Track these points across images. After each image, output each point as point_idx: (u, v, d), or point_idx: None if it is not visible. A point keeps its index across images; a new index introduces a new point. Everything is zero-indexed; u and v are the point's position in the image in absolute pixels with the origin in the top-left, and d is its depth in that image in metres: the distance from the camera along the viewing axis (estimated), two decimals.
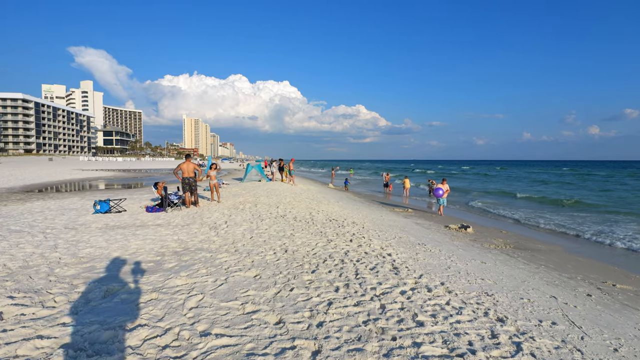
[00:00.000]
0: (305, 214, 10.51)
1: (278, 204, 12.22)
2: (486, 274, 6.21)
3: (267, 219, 9.20)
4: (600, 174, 58.54)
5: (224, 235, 7.08)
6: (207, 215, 9.78)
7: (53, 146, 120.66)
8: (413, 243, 8.21)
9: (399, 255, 6.48)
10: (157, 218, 9.53)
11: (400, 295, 4.24)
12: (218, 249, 6.02)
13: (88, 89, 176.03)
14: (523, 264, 8.11)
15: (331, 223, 9.22)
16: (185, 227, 8.15)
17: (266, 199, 13.50)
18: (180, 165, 11.22)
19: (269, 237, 7.05)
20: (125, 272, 4.79)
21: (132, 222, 8.87)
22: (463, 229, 12.36)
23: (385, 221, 11.93)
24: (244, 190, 17.64)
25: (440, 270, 5.80)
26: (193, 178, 11.24)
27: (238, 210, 10.68)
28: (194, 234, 7.26)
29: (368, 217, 12.04)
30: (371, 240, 7.51)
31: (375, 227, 9.79)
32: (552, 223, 14.25)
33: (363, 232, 8.46)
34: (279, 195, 15.28)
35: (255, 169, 25.03)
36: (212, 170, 12.70)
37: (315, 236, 7.37)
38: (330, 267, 5.20)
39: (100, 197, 15.15)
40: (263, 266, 5.05)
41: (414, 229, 11.02)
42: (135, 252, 5.82)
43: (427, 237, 9.91)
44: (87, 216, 9.85)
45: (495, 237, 11.68)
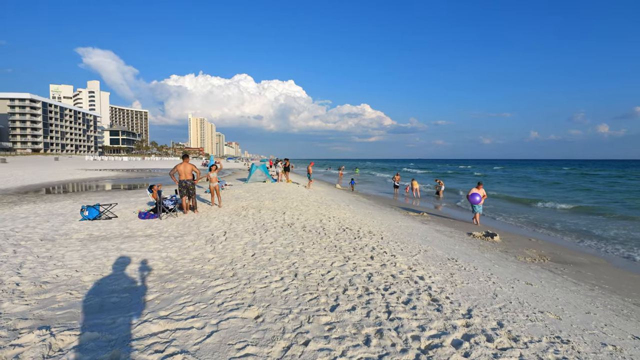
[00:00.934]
0: (315, 221, 9.38)
1: (284, 209, 11.10)
2: (541, 303, 5.05)
3: (272, 228, 8.09)
4: (602, 174, 57.18)
5: (222, 252, 5.97)
6: (205, 224, 8.69)
7: (60, 146, 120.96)
8: (442, 258, 7.05)
9: (433, 279, 5.32)
10: (149, 226, 8.46)
11: (454, 349, 3.09)
12: (212, 272, 4.91)
13: (95, 89, 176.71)
14: (573, 284, 6.92)
15: (345, 233, 8.08)
16: (178, 238, 7.06)
17: (271, 203, 12.39)
18: (176, 166, 10.15)
19: (275, 253, 5.92)
20: (89, 308, 3.70)
21: (119, 232, 7.81)
22: (489, 237, 11.16)
23: (402, 229, 10.77)
24: (247, 192, 16.56)
25: (488, 301, 4.63)
26: (191, 181, 10.17)
27: (240, 217, 9.58)
28: (187, 250, 6.16)
29: (384, 224, 10.89)
30: (395, 257, 6.35)
31: (395, 237, 8.64)
32: (575, 228, 13.16)
33: (383, 245, 7.31)
34: (285, 198, 14.17)
35: (260, 169, 23.96)
36: (212, 172, 11.62)
37: (329, 252, 6.23)
38: (354, 301, 4.06)
39: (94, 200, 14.17)
40: (267, 300, 3.92)
41: (436, 239, 9.84)
42: (111, 276, 4.73)
43: (454, 249, 8.75)
44: (72, 223, 8.83)
45: (525, 246, 10.48)
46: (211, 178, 11.60)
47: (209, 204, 12.43)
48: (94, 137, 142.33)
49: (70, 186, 22.86)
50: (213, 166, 11.66)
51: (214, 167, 11.66)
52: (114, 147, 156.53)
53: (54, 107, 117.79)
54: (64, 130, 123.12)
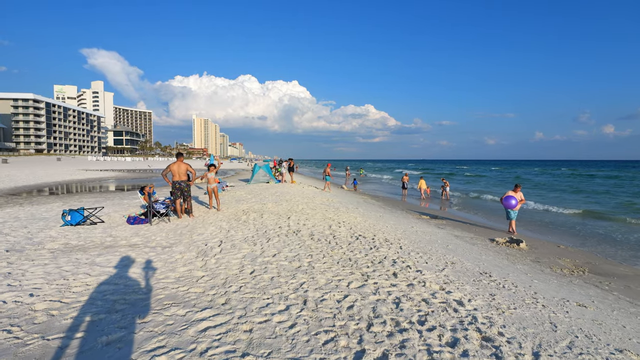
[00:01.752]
0: (323, 227, 8.35)
1: (289, 213, 10.08)
2: (610, 335, 4.04)
3: (275, 237, 7.05)
4: (599, 174, 56.31)
5: (214, 268, 4.95)
6: (200, 231, 7.68)
7: (64, 146, 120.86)
8: (474, 273, 6.01)
9: (474, 303, 4.28)
10: (135, 234, 7.47)
11: None
12: (199, 298, 3.89)
13: (99, 90, 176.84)
14: (630, 304, 5.90)
15: (359, 242, 7.03)
16: (166, 250, 6.06)
17: (274, 207, 11.37)
18: (169, 166, 9.16)
19: (278, 270, 4.89)
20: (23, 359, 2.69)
21: (101, 241, 6.82)
22: (514, 244, 10.10)
23: (419, 235, 9.73)
24: (249, 194, 15.56)
25: (550, 336, 3.60)
26: (186, 182, 9.18)
27: (240, 223, 8.56)
28: (173, 265, 5.15)
29: (399, 230, 9.86)
30: (422, 273, 5.31)
31: (415, 246, 7.60)
32: (590, 231, 12.19)
33: (404, 257, 6.27)
34: (289, 201, 13.15)
35: (263, 169, 22.96)
36: (210, 172, 10.62)
37: (343, 268, 5.19)
38: (384, 343, 3.03)
39: (86, 202, 13.25)
40: (267, 345, 2.89)
41: (459, 247, 8.79)
42: (71, 304, 3.73)
43: (481, 259, 7.70)
44: (52, 230, 7.86)
45: (556, 254, 9.43)
46: (209, 179, 10.61)
47: (207, 207, 11.44)
48: (97, 138, 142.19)
49: (66, 187, 21.99)
50: (211, 166, 10.66)
51: (212, 167, 10.66)
52: (117, 148, 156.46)
53: (57, 107, 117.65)
54: (68, 130, 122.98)
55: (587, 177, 50.24)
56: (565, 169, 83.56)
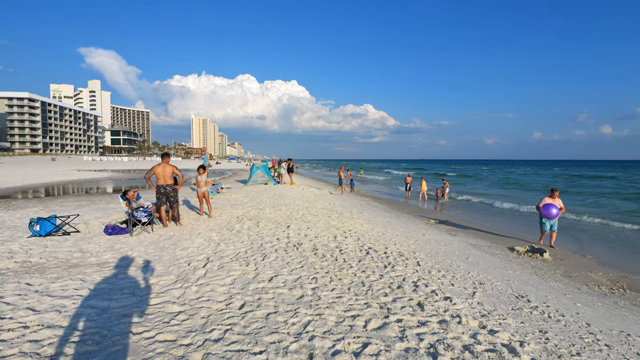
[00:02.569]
0: (328, 238, 7.33)
1: (288, 221, 9.05)
2: None
3: (272, 252, 6.02)
4: (588, 174, 56.30)
5: (194, 300, 3.91)
6: (185, 244, 6.65)
7: (60, 146, 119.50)
8: (508, 296, 5.02)
9: (527, 348, 3.29)
10: (110, 247, 6.43)
11: None
12: (168, 353, 2.87)
13: (96, 89, 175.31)
14: None
15: (370, 258, 6.02)
16: (140, 270, 5.02)
17: (272, 212, 10.34)
18: (153, 168, 8.11)
19: (276, 302, 3.87)
20: None
21: (67, 257, 5.78)
22: (537, 254, 9.11)
23: (433, 245, 8.74)
24: (246, 197, 14.52)
25: None
26: (172, 186, 8.15)
27: (232, 233, 7.53)
28: (144, 294, 4.11)
29: (410, 239, 8.87)
30: (452, 302, 4.31)
31: (433, 261, 6.60)
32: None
33: (425, 277, 5.26)
34: (288, 205, 12.12)
35: (261, 169, 21.93)
36: (200, 175, 9.58)
37: (357, 298, 4.17)
38: None
39: (68, 207, 12.20)
40: None
41: (480, 259, 7.80)
42: None
43: (508, 274, 6.73)
44: (15, 242, 6.82)
45: (585, 267, 8.49)
46: (199, 182, 9.57)
47: (197, 213, 10.41)
48: (94, 137, 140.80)
49: (52, 189, 20.91)
50: (201, 168, 9.61)
51: (202, 168, 9.61)
52: (115, 147, 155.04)
53: (53, 106, 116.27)
54: (64, 130, 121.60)
55: (576, 177, 49.86)
56: (557, 169, 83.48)
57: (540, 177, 50.93)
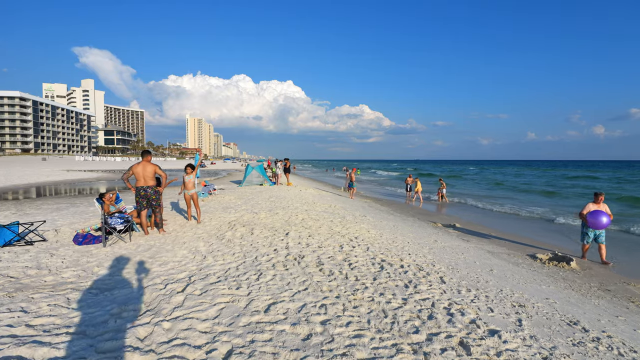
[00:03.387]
0: (333, 249, 6.33)
1: (287, 227, 8.04)
2: None
3: (269, 268, 5.00)
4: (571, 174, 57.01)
5: (163, 346, 2.86)
6: (165, 257, 5.61)
7: (52, 145, 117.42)
8: (559, 324, 4.09)
9: None
10: (75, 262, 5.38)
11: None
12: None
13: (89, 88, 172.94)
14: None
15: (387, 275, 5.02)
16: (101, 295, 4.00)
17: (269, 217, 9.32)
18: (132, 168, 7.06)
19: (275, 349, 2.84)
20: None
21: (19, 274, 4.72)
22: (563, 263, 8.20)
23: (449, 253, 7.78)
24: (240, 199, 13.47)
25: None
26: (153, 188, 7.11)
27: (222, 243, 6.50)
28: (98, 334, 3.11)
29: (424, 247, 7.91)
30: (500, 338, 3.32)
31: (457, 276, 5.63)
32: None
33: (457, 300, 4.28)
34: (286, 208, 11.10)
35: (256, 170, 20.89)
36: (188, 175, 8.54)
37: (380, 335, 3.17)
38: None
39: (44, 210, 11.10)
40: None
41: (506, 272, 6.86)
42: None
43: (543, 291, 5.80)
44: None
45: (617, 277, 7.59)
46: (186, 183, 8.52)
47: (185, 217, 9.36)
48: (87, 137, 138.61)
49: (33, 190, 19.71)
50: (189, 167, 8.56)
51: (189, 167, 8.56)
52: (108, 147, 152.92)
53: (45, 105, 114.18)
54: (56, 129, 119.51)
55: (555, 177, 50.18)
56: (545, 168, 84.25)
57: (520, 177, 50.65)
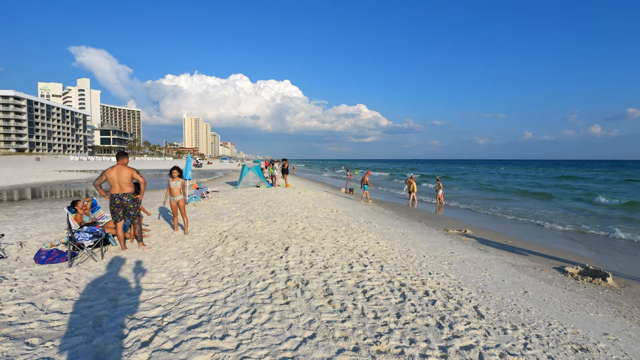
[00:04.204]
0: (342, 268, 5.34)
1: (286, 239, 7.04)
2: None
3: (264, 301, 3.98)
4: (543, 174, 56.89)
5: None
6: (141, 281, 4.62)
7: (47, 145, 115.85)
8: None
9: None
10: (26, 290, 4.36)
11: None
12: None
13: (85, 87, 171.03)
14: None
15: (412, 308, 4.04)
16: (37, 350, 3.01)
17: (265, 226, 8.31)
18: (105, 172, 6.03)
19: None
20: None
21: None
22: (599, 279, 7.25)
23: (471, 269, 6.82)
24: (234, 203, 12.46)
25: None
26: (131, 195, 6.10)
27: (209, 263, 5.50)
28: None
29: (443, 261, 6.95)
30: None
31: (490, 301, 4.66)
32: None
33: (509, 347, 3.31)
34: (284, 214, 10.11)
35: (253, 171, 19.87)
36: (174, 180, 7.51)
37: None
38: None
39: (21, 215, 10.06)
40: None
41: (543, 292, 5.91)
42: None
43: (597, 321, 4.85)
44: None
45: None
46: (172, 189, 7.50)
47: (172, 226, 8.35)
48: (83, 137, 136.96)
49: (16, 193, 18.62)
50: (175, 171, 7.53)
51: (175, 171, 7.53)
52: (104, 147, 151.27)
53: (40, 105, 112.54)
54: (51, 129, 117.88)
55: (544, 177, 50.13)
56: (537, 168, 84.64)
57: (511, 178, 50.31)
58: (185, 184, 8.63)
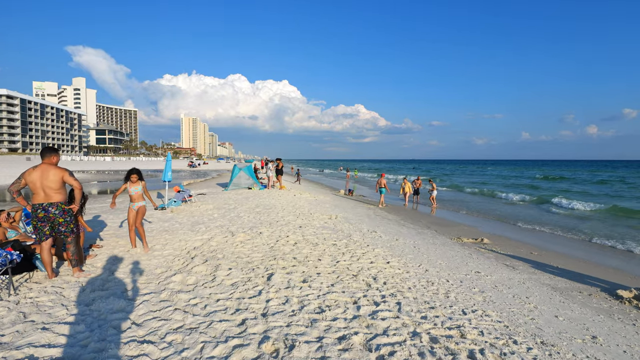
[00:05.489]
0: (345, 312, 3.77)
1: (270, 263, 5.46)
2: None
3: None
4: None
5: None
6: (35, 344, 3.07)
7: (41, 145, 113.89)
8: None
9: None
10: None
11: None
12: None
13: (80, 86, 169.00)
14: None
15: None
16: None
17: (248, 241, 6.74)
18: (25, 174, 4.46)
19: None
20: None
21: None
22: None
23: (509, 298, 5.28)
24: (218, 209, 10.88)
25: None
26: (60, 206, 4.53)
27: (157, 301, 3.90)
28: None
29: (473, 289, 5.40)
30: None
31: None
32: None
33: None
34: (274, 223, 8.54)
35: (244, 171, 18.29)
36: (134, 185, 5.94)
37: None
38: None
39: None
40: None
41: (612, 332, 4.37)
42: None
43: None
44: None
45: None
46: (132, 195, 5.94)
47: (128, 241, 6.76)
48: (78, 137, 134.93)
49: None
50: (134, 173, 5.96)
51: (134, 175, 5.96)
52: (100, 147, 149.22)
53: (33, 104, 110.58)
54: (45, 129, 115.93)
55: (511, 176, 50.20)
56: (513, 167, 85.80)
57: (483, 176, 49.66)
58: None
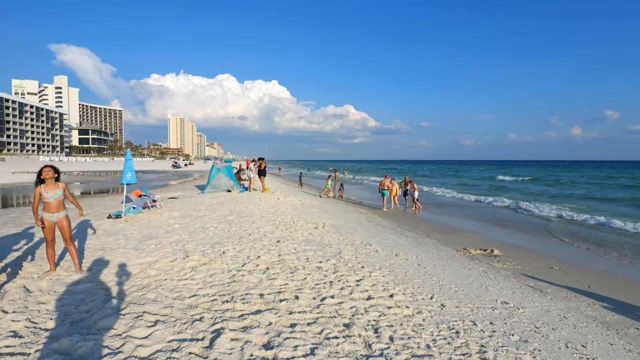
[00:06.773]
0: None
1: (223, 306, 3.83)
2: None
3: None
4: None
5: None
6: None
7: (19, 145, 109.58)
8: None
9: None
10: None
11: None
12: None
13: (62, 85, 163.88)
14: None
15: None
16: None
17: (203, 267, 5.08)
18: None
19: None
20: None
21: None
22: None
23: (562, 349, 3.73)
24: (184, 218, 9.17)
25: None
26: None
27: None
28: None
29: (514, 336, 3.83)
30: None
31: None
32: None
33: None
34: (244, 237, 6.89)
35: (223, 172, 16.56)
36: (49, 188, 4.24)
37: None
38: None
39: None
40: None
41: None
42: None
43: None
44: None
45: None
46: (48, 203, 4.25)
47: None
48: (59, 137, 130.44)
49: None
50: (46, 170, 4.28)
51: (48, 170, 4.28)
52: (83, 147, 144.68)
53: (11, 102, 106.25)
54: (24, 128, 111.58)
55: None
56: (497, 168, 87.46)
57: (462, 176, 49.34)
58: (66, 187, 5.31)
